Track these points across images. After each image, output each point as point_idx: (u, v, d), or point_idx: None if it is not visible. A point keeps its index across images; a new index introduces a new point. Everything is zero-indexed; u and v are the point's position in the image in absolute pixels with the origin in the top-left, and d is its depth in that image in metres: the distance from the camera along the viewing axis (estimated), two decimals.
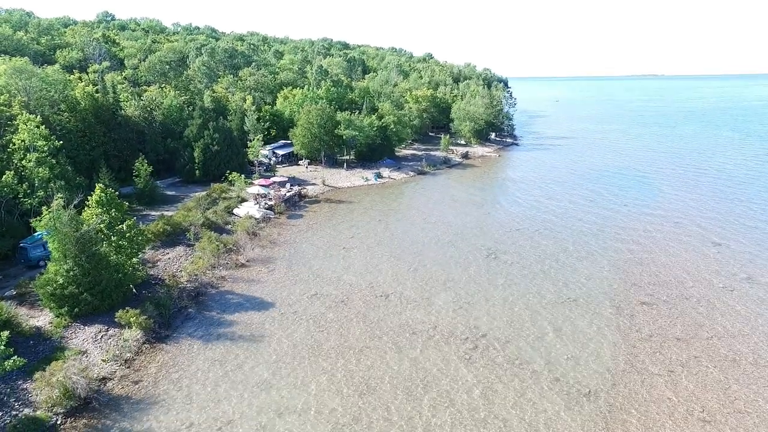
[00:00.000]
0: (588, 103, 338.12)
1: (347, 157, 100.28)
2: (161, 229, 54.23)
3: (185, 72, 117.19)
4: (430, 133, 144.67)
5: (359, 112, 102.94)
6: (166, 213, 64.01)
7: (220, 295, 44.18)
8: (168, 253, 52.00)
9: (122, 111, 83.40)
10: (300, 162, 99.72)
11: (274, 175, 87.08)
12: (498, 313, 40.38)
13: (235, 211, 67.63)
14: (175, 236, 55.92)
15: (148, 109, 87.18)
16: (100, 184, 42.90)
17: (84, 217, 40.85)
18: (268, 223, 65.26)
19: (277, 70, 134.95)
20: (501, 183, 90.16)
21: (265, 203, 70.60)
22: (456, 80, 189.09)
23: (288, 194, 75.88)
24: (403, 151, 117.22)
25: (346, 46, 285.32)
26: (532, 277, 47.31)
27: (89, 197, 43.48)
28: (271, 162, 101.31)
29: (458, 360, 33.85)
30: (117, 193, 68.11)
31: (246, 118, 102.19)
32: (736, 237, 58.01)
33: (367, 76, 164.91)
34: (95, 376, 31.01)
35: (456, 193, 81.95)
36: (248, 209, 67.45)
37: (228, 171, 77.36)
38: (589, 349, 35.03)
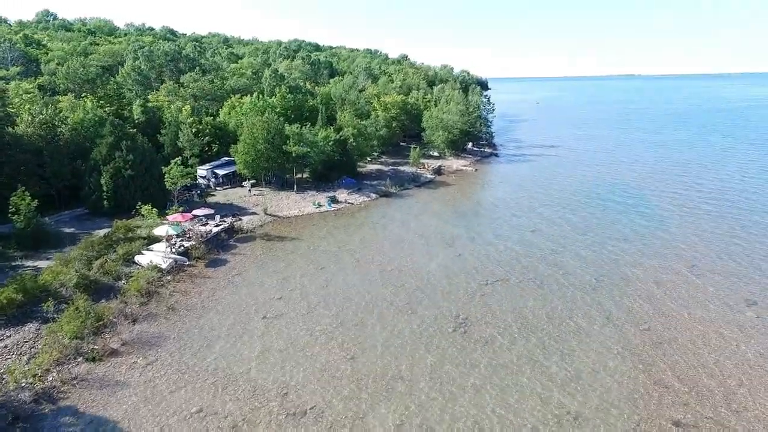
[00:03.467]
0: (569, 105, 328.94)
1: (299, 176, 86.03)
2: (6, 300, 39.23)
3: (113, 79, 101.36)
4: (402, 143, 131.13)
5: (312, 125, 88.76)
6: (43, 264, 49.33)
7: (54, 417, 29.56)
8: (9, 337, 37.13)
9: (13, 128, 67.94)
10: (244, 183, 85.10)
11: (205, 203, 72.39)
12: None
13: (138, 258, 52.73)
14: (32, 305, 41.09)
15: (50, 125, 71.57)
16: None
17: None
18: (177, 274, 50.62)
19: (226, 75, 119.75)
20: (476, 209, 76.66)
21: (181, 245, 55.91)
22: (431, 84, 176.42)
23: (215, 230, 61.37)
24: (368, 167, 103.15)
25: (317, 47, 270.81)
26: (514, 370, 33.74)
27: None
28: (211, 183, 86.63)
29: None
30: None
31: (180, 131, 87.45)
32: None
33: (332, 80, 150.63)
34: None
35: (422, 223, 68.21)
36: (155, 255, 52.69)
37: (139, 203, 62.36)
38: None
